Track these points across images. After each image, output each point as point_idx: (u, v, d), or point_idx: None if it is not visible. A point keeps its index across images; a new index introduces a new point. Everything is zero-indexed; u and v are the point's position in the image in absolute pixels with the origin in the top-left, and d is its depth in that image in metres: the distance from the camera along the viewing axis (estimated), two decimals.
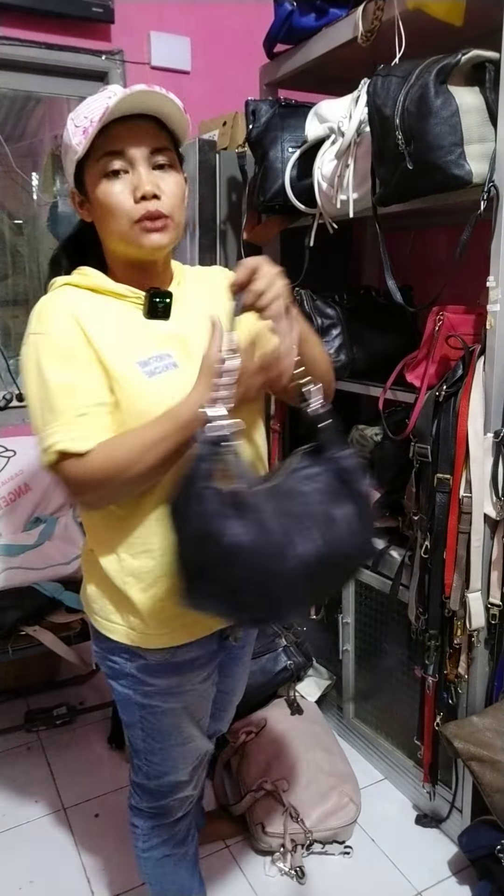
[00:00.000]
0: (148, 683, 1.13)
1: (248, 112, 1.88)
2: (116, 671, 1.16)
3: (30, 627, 1.86)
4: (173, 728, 1.18)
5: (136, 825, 1.31)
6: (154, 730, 1.18)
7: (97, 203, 1.01)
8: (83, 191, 1.04)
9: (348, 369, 1.87)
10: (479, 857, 1.52)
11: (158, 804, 1.28)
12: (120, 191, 0.98)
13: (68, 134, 1.01)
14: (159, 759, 1.21)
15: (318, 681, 2.11)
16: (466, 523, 1.47)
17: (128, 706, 1.18)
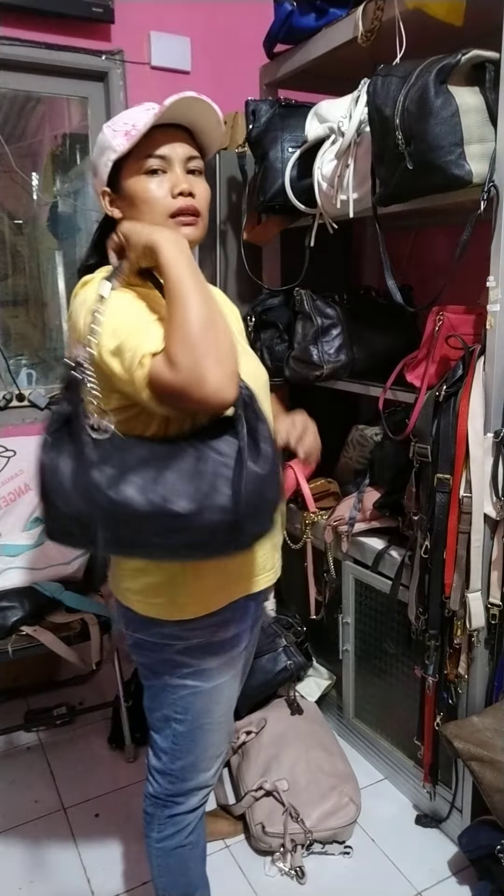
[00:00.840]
0: (189, 665, 1.17)
1: (248, 112, 1.89)
2: (155, 658, 1.19)
3: (30, 627, 1.86)
4: (208, 710, 1.22)
5: (152, 814, 1.32)
6: (190, 712, 1.21)
7: (135, 198, 1.09)
8: (116, 189, 1.12)
9: (348, 369, 1.87)
10: (479, 857, 1.52)
11: (179, 791, 1.29)
12: (157, 187, 1.08)
13: (105, 138, 1.10)
14: (190, 744, 1.24)
15: (318, 681, 2.11)
16: (466, 523, 1.47)
17: (162, 692, 1.21)
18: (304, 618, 2.12)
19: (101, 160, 1.11)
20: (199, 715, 1.23)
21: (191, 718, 1.22)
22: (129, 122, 1.09)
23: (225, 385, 0.90)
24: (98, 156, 1.13)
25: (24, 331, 2.58)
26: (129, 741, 2.04)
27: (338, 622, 1.97)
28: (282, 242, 2.10)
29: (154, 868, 1.35)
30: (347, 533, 1.86)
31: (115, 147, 1.08)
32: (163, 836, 1.31)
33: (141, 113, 1.10)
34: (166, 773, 1.28)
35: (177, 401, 0.92)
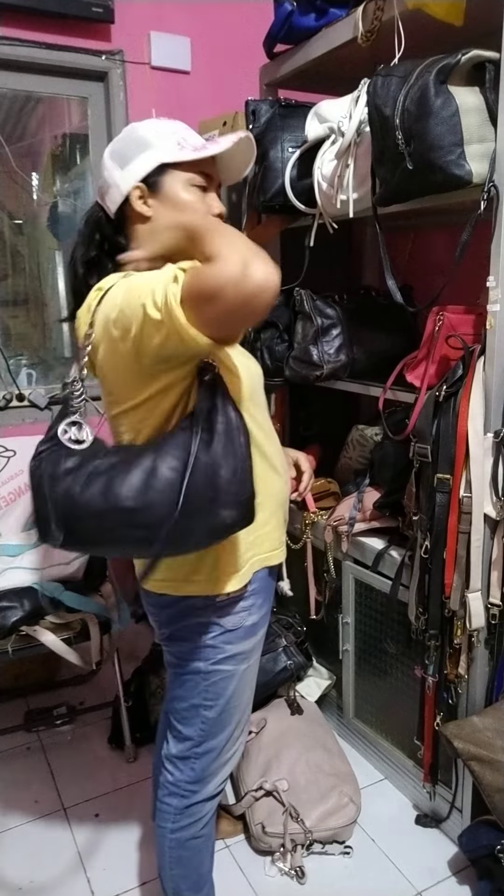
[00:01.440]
0: (224, 650, 1.24)
1: (248, 112, 1.88)
2: (190, 647, 1.23)
3: (30, 627, 1.86)
4: (238, 693, 1.29)
5: (169, 804, 1.33)
6: (221, 697, 1.26)
7: (179, 203, 1.16)
8: (153, 188, 1.16)
9: (348, 369, 1.87)
10: (479, 857, 1.52)
11: (199, 778, 1.31)
12: (198, 201, 1.17)
13: (143, 135, 1.16)
14: (217, 728, 1.28)
15: (318, 681, 2.11)
16: (466, 523, 1.47)
17: (195, 681, 1.25)
18: (304, 618, 2.12)
19: (141, 156, 1.15)
20: (230, 699, 1.28)
21: (222, 703, 1.27)
22: (178, 134, 1.17)
23: (271, 273, 0.88)
24: (133, 150, 1.16)
25: (24, 331, 2.58)
26: (129, 741, 2.03)
27: (338, 622, 1.97)
28: (282, 242, 2.10)
29: (166, 860, 1.36)
30: (347, 533, 1.86)
31: (162, 149, 1.15)
32: (178, 826, 1.33)
33: (182, 129, 1.19)
34: (189, 758, 1.30)
35: (221, 304, 0.88)
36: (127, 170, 1.16)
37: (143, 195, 1.16)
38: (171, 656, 1.28)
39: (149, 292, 0.95)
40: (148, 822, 1.80)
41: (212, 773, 1.32)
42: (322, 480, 2.09)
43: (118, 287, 1.05)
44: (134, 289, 1.00)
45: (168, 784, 1.33)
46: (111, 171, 1.18)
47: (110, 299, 1.04)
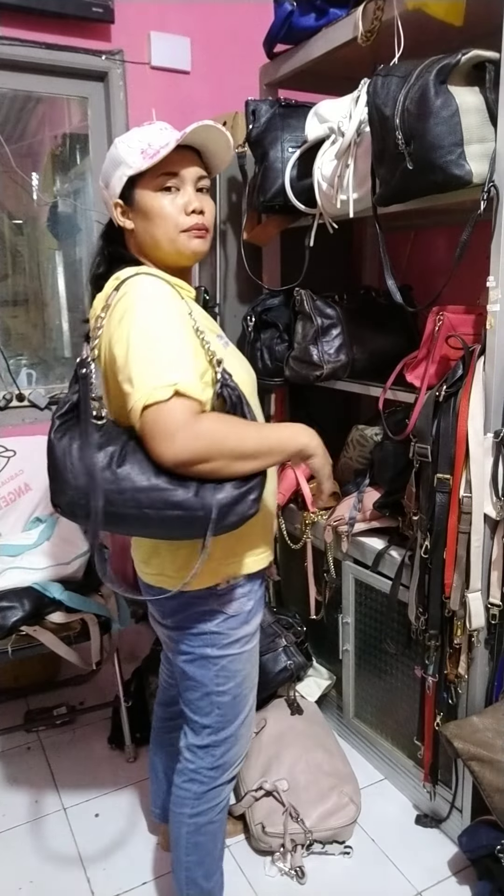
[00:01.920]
0: (228, 635, 1.29)
1: (248, 112, 1.88)
2: (196, 634, 1.27)
3: (30, 627, 1.86)
4: (246, 674, 1.34)
5: (188, 789, 1.37)
6: (231, 680, 1.31)
7: (149, 212, 1.19)
8: (128, 202, 1.21)
9: (348, 369, 1.87)
10: (479, 857, 1.52)
11: (219, 764, 1.36)
12: (171, 203, 1.18)
13: (118, 153, 1.19)
14: (231, 712, 1.33)
15: (318, 681, 2.11)
16: (466, 523, 1.47)
17: (204, 667, 1.29)
18: (304, 618, 2.12)
19: (115, 174, 1.20)
20: (241, 681, 1.33)
21: (232, 686, 1.32)
22: (145, 141, 1.17)
23: (181, 464, 1.04)
24: (111, 169, 1.21)
25: (24, 331, 2.58)
26: (129, 741, 2.04)
27: (338, 622, 1.97)
28: (282, 242, 2.10)
29: (182, 847, 1.38)
30: (347, 533, 1.86)
31: (130, 163, 1.17)
32: (196, 811, 1.36)
33: (156, 133, 1.19)
34: (209, 746, 1.34)
35: (147, 434, 1.04)
36: (109, 188, 1.22)
37: (123, 211, 1.22)
38: (179, 644, 1.31)
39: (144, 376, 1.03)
40: (148, 821, 1.80)
41: (231, 757, 1.37)
42: None
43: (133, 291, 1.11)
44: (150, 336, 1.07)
45: (188, 771, 1.37)
46: (102, 189, 1.26)
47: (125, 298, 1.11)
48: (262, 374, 2.04)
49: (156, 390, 1.01)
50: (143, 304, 1.09)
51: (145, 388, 1.02)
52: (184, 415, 1.02)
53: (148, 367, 1.04)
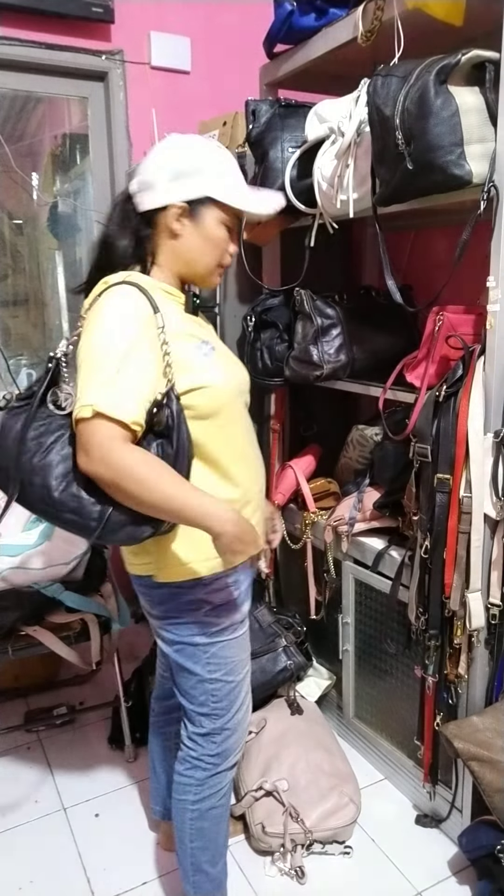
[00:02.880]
0: (216, 623, 1.32)
1: (248, 112, 1.88)
2: (185, 622, 1.30)
3: (30, 627, 1.86)
4: (237, 660, 1.37)
5: (191, 776, 1.39)
6: (222, 667, 1.34)
7: (208, 236, 1.25)
8: (192, 213, 1.23)
9: (348, 369, 1.87)
10: (479, 857, 1.52)
11: (220, 751, 1.38)
12: (225, 240, 1.27)
13: (201, 162, 1.22)
14: (226, 699, 1.36)
15: (318, 681, 2.11)
16: (466, 523, 1.47)
17: (195, 654, 1.32)
18: (304, 618, 2.12)
19: (193, 181, 1.21)
20: (231, 668, 1.36)
21: (223, 673, 1.35)
22: (231, 173, 1.25)
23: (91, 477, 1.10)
24: (188, 169, 1.21)
25: (24, 331, 2.58)
26: (129, 741, 2.03)
27: (338, 622, 1.97)
28: (282, 242, 2.10)
29: (186, 834, 1.41)
30: (347, 533, 1.86)
31: (215, 185, 1.21)
32: (200, 797, 1.39)
33: (238, 170, 1.27)
34: (209, 733, 1.37)
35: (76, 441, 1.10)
36: (176, 184, 1.21)
37: (182, 214, 1.22)
38: (168, 634, 1.33)
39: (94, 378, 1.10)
40: (148, 821, 1.80)
41: (231, 744, 1.40)
42: (322, 480, 2.09)
43: (103, 304, 1.16)
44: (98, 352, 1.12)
45: (190, 759, 1.39)
46: (159, 174, 1.22)
47: (95, 309, 1.16)
48: (262, 374, 2.04)
49: (83, 408, 1.07)
50: (104, 319, 1.14)
51: (79, 403, 1.09)
52: (102, 437, 1.07)
53: (86, 383, 1.10)
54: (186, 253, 1.25)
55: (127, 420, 1.08)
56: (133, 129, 2.46)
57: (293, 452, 2.21)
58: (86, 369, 1.11)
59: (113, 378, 1.09)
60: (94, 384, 1.09)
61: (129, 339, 1.12)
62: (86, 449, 1.08)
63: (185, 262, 1.26)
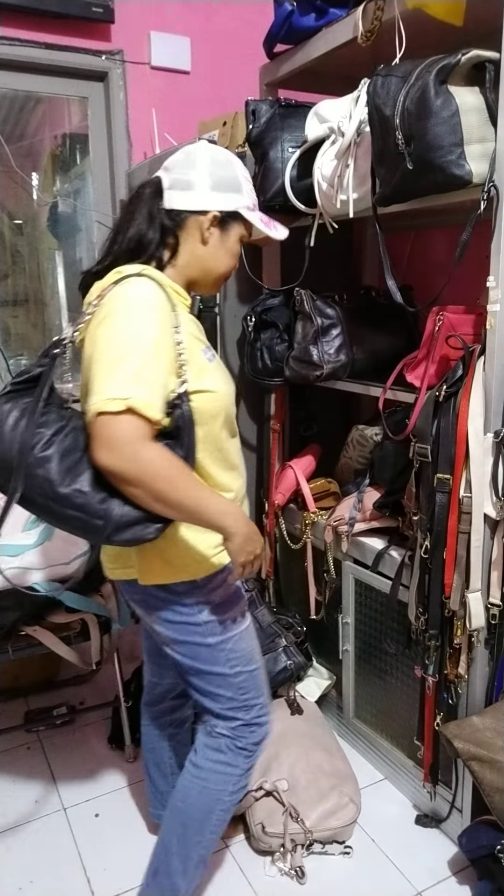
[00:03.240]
0: (221, 620, 1.32)
1: (248, 112, 1.88)
2: (190, 626, 1.30)
3: (30, 627, 1.86)
4: (254, 647, 1.40)
5: (235, 766, 1.38)
6: (241, 658, 1.35)
7: (230, 249, 1.30)
8: (222, 224, 1.27)
9: (348, 369, 1.87)
10: (479, 857, 1.52)
11: (262, 733, 1.41)
12: (238, 255, 1.34)
13: (239, 180, 1.27)
14: (252, 685, 1.38)
15: (318, 681, 2.11)
16: (466, 523, 1.47)
17: (212, 655, 1.32)
18: (304, 618, 2.12)
19: (230, 196, 1.25)
20: (250, 657, 1.38)
21: (245, 663, 1.36)
22: (252, 195, 1.31)
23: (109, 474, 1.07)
24: (229, 183, 1.25)
25: (24, 331, 2.58)
26: (129, 741, 2.03)
27: (338, 622, 1.97)
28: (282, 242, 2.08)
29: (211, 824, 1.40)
30: (347, 533, 1.86)
31: (246, 203, 1.28)
32: (239, 786, 1.40)
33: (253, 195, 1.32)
34: (248, 724, 1.38)
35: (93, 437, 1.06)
36: (219, 193, 1.24)
37: (213, 223, 1.26)
38: (179, 641, 1.32)
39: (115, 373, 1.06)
40: (147, 822, 1.80)
41: (267, 723, 1.43)
42: (322, 480, 2.09)
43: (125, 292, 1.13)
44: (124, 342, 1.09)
45: (236, 748, 1.38)
46: (202, 179, 1.23)
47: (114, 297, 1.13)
48: (262, 374, 2.04)
49: (111, 401, 1.03)
50: (130, 309, 1.11)
51: (103, 395, 1.04)
52: (131, 433, 1.04)
53: (111, 375, 1.06)
54: (208, 260, 1.27)
55: (157, 418, 1.07)
56: (133, 129, 2.46)
57: (293, 452, 2.21)
58: (109, 359, 1.07)
59: (142, 372, 1.06)
60: (122, 376, 1.05)
61: (155, 332, 1.10)
62: (110, 444, 1.04)
63: (204, 268, 1.28)
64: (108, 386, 1.05)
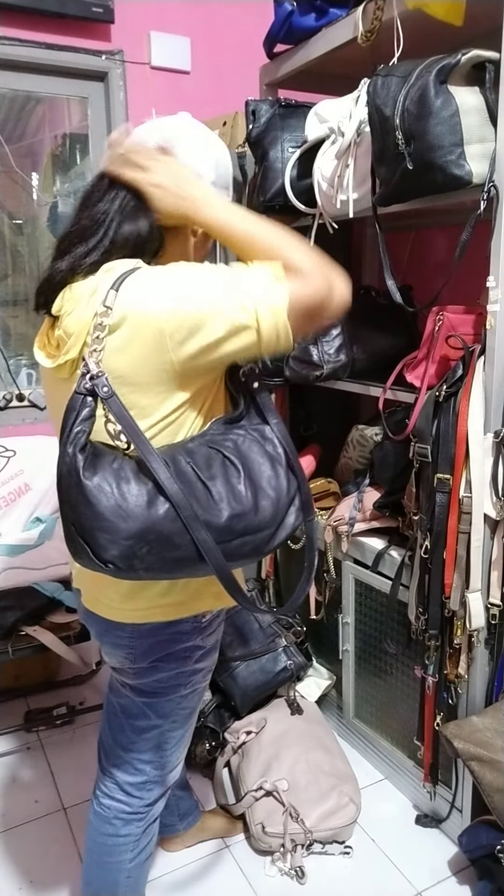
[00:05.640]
0: (202, 647, 1.20)
1: (248, 112, 1.88)
2: (169, 673, 1.18)
3: (30, 627, 1.86)
4: (198, 705, 1.30)
5: (127, 835, 1.27)
6: (188, 713, 1.27)
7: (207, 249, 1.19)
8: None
9: (348, 369, 1.87)
10: (479, 857, 1.52)
11: (158, 798, 1.30)
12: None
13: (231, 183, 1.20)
14: (178, 747, 1.29)
15: (318, 681, 2.11)
16: (466, 523, 1.47)
17: (167, 706, 1.22)
18: (304, 618, 2.12)
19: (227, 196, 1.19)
20: (193, 714, 1.30)
21: (184, 719, 1.27)
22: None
23: (347, 289, 1.02)
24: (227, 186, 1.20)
25: (24, 331, 2.58)
26: None
27: (338, 622, 1.97)
28: None
29: (120, 892, 1.30)
30: (347, 533, 1.86)
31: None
32: (137, 851, 1.29)
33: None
34: (147, 782, 1.27)
35: (312, 315, 0.99)
36: (218, 191, 1.16)
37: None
38: (146, 686, 1.21)
39: (235, 293, 0.95)
40: None
41: (169, 781, 1.31)
42: (322, 480, 2.09)
43: (154, 279, 0.98)
44: (203, 285, 0.97)
45: (124, 815, 1.27)
46: (206, 173, 1.15)
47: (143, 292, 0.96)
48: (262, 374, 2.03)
49: (274, 293, 0.95)
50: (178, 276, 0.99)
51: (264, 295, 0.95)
52: (299, 287, 0.98)
53: (243, 284, 0.97)
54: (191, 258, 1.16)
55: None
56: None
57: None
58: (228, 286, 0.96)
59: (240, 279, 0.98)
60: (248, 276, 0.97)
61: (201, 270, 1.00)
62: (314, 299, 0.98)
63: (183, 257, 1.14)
64: (256, 288, 0.96)
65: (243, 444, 1.03)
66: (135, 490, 0.94)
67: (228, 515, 0.97)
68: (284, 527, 1.03)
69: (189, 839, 1.69)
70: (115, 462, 0.96)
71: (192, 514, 0.94)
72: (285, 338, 0.97)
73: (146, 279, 0.98)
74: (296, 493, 1.04)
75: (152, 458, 0.95)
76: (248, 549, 1.00)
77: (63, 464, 0.95)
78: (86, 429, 0.96)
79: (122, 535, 0.92)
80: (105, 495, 0.92)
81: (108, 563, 0.94)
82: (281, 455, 1.04)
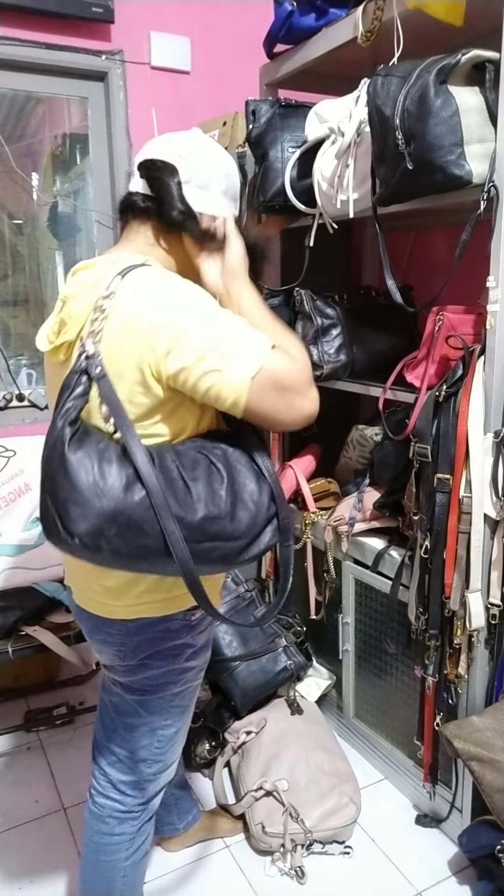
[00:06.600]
0: (193, 644, 1.20)
1: (248, 112, 1.88)
2: (160, 670, 1.18)
3: (30, 627, 1.86)
4: (193, 704, 1.30)
5: (122, 833, 1.28)
6: (182, 712, 1.27)
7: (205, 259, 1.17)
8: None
9: (348, 369, 1.87)
10: (479, 857, 1.52)
11: (152, 796, 1.30)
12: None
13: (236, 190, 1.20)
14: (172, 745, 1.28)
15: (318, 681, 2.11)
16: (466, 523, 1.47)
17: (160, 704, 1.22)
18: (304, 618, 2.12)
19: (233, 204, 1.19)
20: (185, 712, 1.29)
21: (178, 717, 1.27)
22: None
23: (316, 406, 1.09)
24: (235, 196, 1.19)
25: (24, 331, 2.58)
26: None
27: (338, 622, 1.97)
28: (282, 242, 2.09)
29: (116, 892, 1.30)
30: (347, 533, 1.86)
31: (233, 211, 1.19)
32: (132, 850, 1.29)
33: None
34: (141, 780, 1.27)
35: (287, 398, 1.03)
36: (229, 201, 1.17)
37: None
38: (136, 684, 1.21)
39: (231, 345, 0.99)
40: None
41: (164, 780, 1.31)
42: (322, 480, 2.09)
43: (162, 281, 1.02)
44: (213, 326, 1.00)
45: (118, 814, 1.28)
46: (216, 182, 1.15)
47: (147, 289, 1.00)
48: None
49: (265, 353, 1.00)
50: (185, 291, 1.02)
51: (257, 357, 0.99)
52: (285, 360, 1.03)
53: (241, 341, 1.00)
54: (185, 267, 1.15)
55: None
56: (133, 129, 2.46)
57: (293, 452, 2.21)
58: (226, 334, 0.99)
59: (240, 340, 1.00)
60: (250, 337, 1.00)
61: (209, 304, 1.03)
62: (299, 381, 1.05)
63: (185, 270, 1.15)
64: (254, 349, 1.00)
65: (232, 456, 1.06)
66: (115, 472, 0.96)
67: (203, 516, 0.99)
68: (258, 543, 1.04)
69: (189, 839, 1.69)
70: (102, 443, 0.99)
71: (164, 502, 0.96)
72: (239, 404, 1.00)
73: (154, 278, 1.02)
74: (274, 515, 1.06)
75: (134, 443, 0.98)
76: (218, 555, 1.01)
77: (50, 436, 0.98)
78: (78, 405, 0.99)
79: (94, 512, 0.94)
80: (85, 471, 0.95)
81: (75, 537, 0.95)
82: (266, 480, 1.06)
